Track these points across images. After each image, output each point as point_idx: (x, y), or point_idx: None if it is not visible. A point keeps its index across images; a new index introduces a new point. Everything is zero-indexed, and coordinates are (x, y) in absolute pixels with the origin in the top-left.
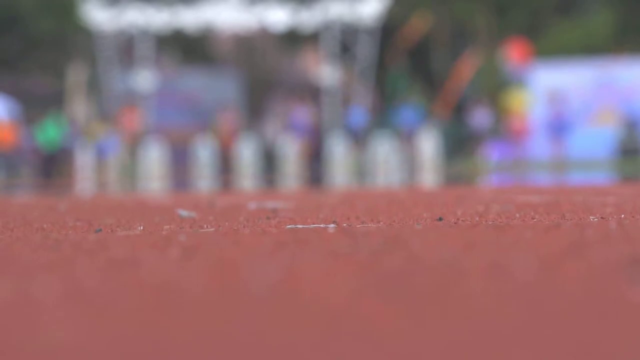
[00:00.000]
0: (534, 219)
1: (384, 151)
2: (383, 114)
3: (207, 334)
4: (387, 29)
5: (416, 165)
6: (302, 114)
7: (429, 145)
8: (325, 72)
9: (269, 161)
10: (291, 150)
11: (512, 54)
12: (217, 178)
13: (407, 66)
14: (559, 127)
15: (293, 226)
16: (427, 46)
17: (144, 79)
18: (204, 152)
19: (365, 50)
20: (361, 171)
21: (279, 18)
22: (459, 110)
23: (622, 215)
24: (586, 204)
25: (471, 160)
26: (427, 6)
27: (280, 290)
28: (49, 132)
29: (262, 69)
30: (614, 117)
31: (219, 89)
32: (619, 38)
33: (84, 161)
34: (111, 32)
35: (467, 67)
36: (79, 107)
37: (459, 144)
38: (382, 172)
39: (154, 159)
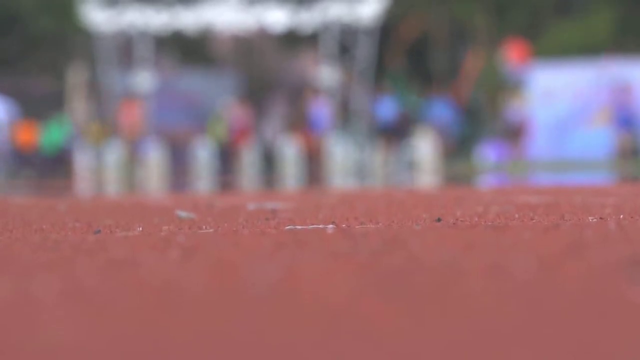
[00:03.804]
0: (533, 219)
1: (382, 151)
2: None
3: (207, 334)
4: (386, 29)
5: (415, 165)
6: (321, 106)
7: (426, 145)
8: (325, 73)
9: (268, 162)
10: (290, 151)
11: (511, 54)
12: (216, 178)
13: (406, 66)
14: (626, 119)
15: (292, 227)
16: (426, 46)
17: (143, 80)
18: (203, 153)
19: (365, 51)
20: (361, 172)
21: (277, 19)
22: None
23: (621, 216)
24: (585, 204)
25: (469, 161)
26: (426, 6)
27: (279, 291)
28: (53, 134)
29: (261, 70)
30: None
31: (218, 89)
32: (618, 38)
33: (83, 162)
34: (110, 33)
35: (473, 66)
36: (79, 108)
37: (461, 143)
38: (381, 172)
39: (153, 160)
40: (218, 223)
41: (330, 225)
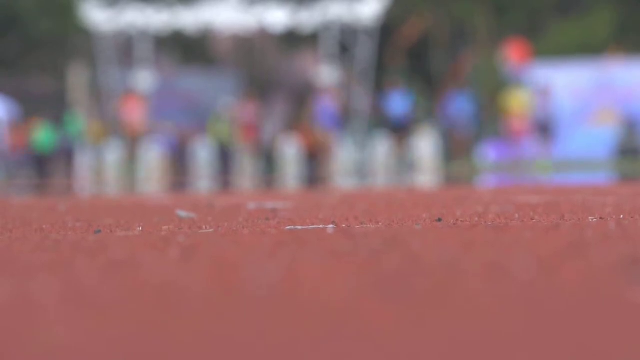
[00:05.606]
0: (533, 219)
1: (383, 151)
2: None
3: (207, 334)
4: (386, 29)
5: (415, 165)
6: (329, 101)
7: (427, 144)
8: (325, 72)
9: (269, 161)
10: (291, 150)
11: (511, 54)
12: (216, 178)
13: (406, 67)
14: None
15: (292, 227)
16: (426, 46)
17: (143, 80)
18: (203, 153)
19: (365, 51)
20: (361, 171)
21: (278, 19)
22: None
23: (622, 216)
24: (585, 204)
25: (469, 161)
26: (426, 6)
27: (279, 291)
28: (53, 133)
29: (261, 70)
30: (613, 117)
31: (218, 89)
32: (618, 38)
33: (83, 162)
34: (110, 33)
35: (463, 68)
36: (81, 108)
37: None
38: (382, 172)
39: (153, 160)
40: (218, 223)
41: (331, 225)
